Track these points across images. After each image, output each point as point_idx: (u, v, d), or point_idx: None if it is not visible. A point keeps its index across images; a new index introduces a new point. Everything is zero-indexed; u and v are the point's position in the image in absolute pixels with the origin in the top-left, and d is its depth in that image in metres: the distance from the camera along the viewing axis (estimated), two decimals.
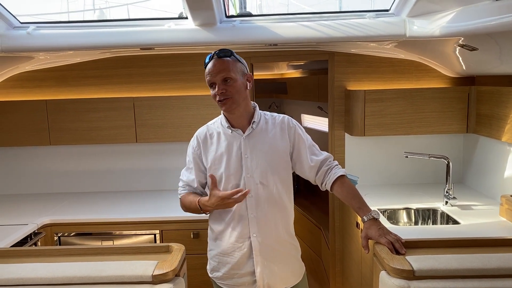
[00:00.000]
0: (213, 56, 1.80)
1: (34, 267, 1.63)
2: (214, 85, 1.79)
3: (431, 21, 2.22)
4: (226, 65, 1.78)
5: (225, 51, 1.82)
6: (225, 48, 1.83)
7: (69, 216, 2.79)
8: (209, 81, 1.80)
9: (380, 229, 1.75)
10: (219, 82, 1.77)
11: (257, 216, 1.83)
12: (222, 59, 1.80)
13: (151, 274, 1.55)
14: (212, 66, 1.79)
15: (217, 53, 1.81)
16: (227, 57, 1.81)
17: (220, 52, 1.81)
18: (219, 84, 1.77)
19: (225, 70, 1.78)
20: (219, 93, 1.77)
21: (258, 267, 1.85)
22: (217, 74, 1.77)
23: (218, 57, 1.80)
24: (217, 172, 1.85)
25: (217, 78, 1.77)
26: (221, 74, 1.77)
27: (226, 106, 1.79)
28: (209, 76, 1.79)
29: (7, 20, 2.44)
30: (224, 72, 1.77)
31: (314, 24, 2.47)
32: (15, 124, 3.07)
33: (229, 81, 1.78)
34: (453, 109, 2.89)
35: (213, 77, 1.78)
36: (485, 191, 2.88)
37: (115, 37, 2.48)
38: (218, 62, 1.79)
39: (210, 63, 1.80)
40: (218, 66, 1.78)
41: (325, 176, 1.91)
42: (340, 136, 3.22)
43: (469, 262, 1.55)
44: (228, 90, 1.77)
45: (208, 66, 1.81)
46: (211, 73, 1.79)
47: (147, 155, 3.34)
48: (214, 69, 1.78)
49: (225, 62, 1.79)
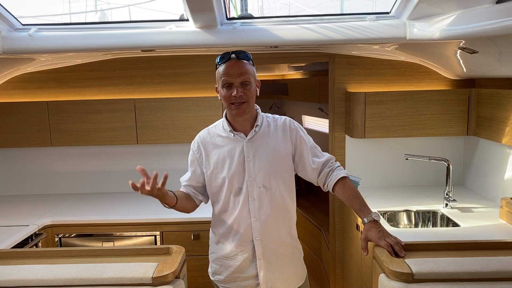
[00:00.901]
0: (231, 56, 1.76)
1: (35, 268, 1.63)
2: (231, 85, 1.75)
3: (431, 24, 2.22)
4: (246, 68, 1.76)
5: (246, 54, 1.78)
6: (243, 51, 1.79)
7: (70, 217, 2.80)
8: (226, 81, 1.75)
9: (380, 232, 1.75)
10: (237, 84, 1.74)
11: (259, 220, 1.83)
12: (242, 61, 1.76)
13: (151, 276, 1.55)
14: (232, 67, 1.74)
15: (236, 54, 1.76)
16: (246, 60, 1.78)
17: (240, 54, 1.77)
18: (237, 87, 1.74)
19: (245, 73, 1.75)
20: (238, 95, 1.73)
21: (261, 270, 1.85)
22: (238, 76, 1.74)
23: (237, 58, 1.76)
24: (219, 176, 1.85)
25: (236, 80, 1.74)
26: (242, 77, 1.74)
27: (240, 110, 1.77)
28: (227, 76, 1.74)
29: (9, 22, 2.45)
30: (245, 76, 1.75)
31: (315, 26, 2.47)
32: (17, 126, 3.08)
33: (247, 86, 1.76)
34: (453, 111, 2.90)
35: (232, 78, 1.74)
36: (485, 193, 2.88)
37: (116, 39, 2.48)
38: (238, 64, 1.75)
39: (228, 63, 1.75)
40: (239, 68, 1.74)
41: (327, 178, 1.91)
42: (341, 138, 3.23)
43: (468, 265, 1.54)
44: (246, 94, 1.75)
45: (226, 65, 1.75)
46: (229, 74, 1.74)
47: (148, 156, 3.34)
48: (234, 70, 1.74)
49: (245, 65, 1.76)
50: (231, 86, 1.75)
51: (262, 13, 5.89)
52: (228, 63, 1.76)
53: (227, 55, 1.77)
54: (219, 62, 1.78)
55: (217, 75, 1.80)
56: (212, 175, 1.87)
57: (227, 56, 1.77)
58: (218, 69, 1.80)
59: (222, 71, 1.76)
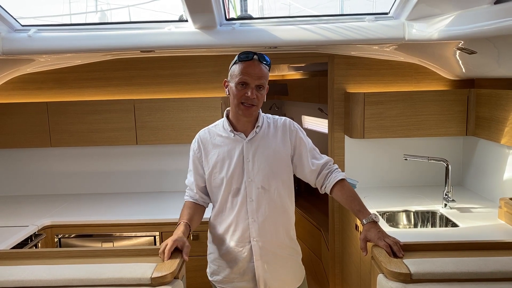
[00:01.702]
0: (253, 57, 1.76)
1: (34, 269, 1.64)
2: (247, 85, 1.75)
3: (430, 24, 2.23)
4: (265, 73, 1.78)
5: (267, 59, 1.80)
6: (265, 55, 1.80)
7: (69, 218, 2.81)
8: (244, 80, 1.75)
9: (379, 232, 1.75)
10: (253, 86, 1.75)
11: (257, 221, 1.83)
12: (263, 64, 1.78)
13: (149, 277, 1.55)
14: (253, 68, 1.75)
15: (260, 57, 1.77)
16: (266, 65, 1.79)
17: (262, 57, 1.78)
18: (253, 89, 1.75)
19: (264, 77, 1.77)
20: (252, 97, 1.74)
21: (259, 271, 1.85)
22: (257, 79, 1.75)
23: (259, 60, 1.77)
24: (218, 176, 1.85)
25: (255, 82, 1.75)
26: (260, 80, 1.75)
27: (249, 112, 1.78)
28: (247, 76, 1.74)
29: (8, 23, 2.46)
30: (263, 80, 1.76)
31: (314, 27, 2.48)
32: (16, 126, 3.08)
33: (261, 90, 1.78)
34: (452, 111, 2.90)
35: (251, 79, 1.74)
36: (484, 193, 2.88)
37: (116, 40, 2.49)
38: (260, 67, 1.76)
39: (249, 63, 1.75)
40: (260, 71, 1.75)
41: (325, 180, 1.91)
42: (340, 138, 3.23)
43: (466, 266, 1.55)
44: (258, 98, 1.76)
45: (246, 64, 1.75)
46: (249, 74, 1.74)
47: (147, 157, 3.35)
48: (255, 71, 1.75)
49: (265, 70, 1.78)
50: (247, 86, 1.75)
51: (262, 13, 5.89)
52: (249, 62, 1.76)
53: (249, 55, 1.76)
54: (239, 59, 1.78)
55: (233, 71, 1.79)
56: (211, 175, 1.87)
57: (250, 55, 1.76)
58: (235, 65, 1.79)
59: (241, 68, 1.76)
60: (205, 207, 1.99)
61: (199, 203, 1.95)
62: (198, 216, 1.92)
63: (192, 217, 1.86)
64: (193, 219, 1.86)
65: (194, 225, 1.87)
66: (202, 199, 1.96)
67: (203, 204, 1.97)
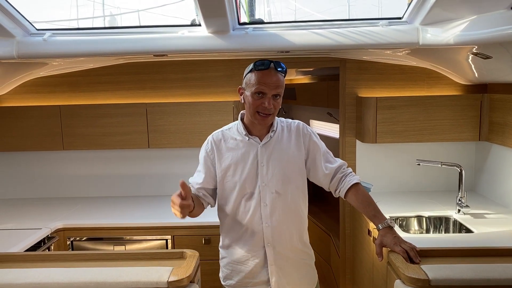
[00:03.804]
0: (270, 66, 1.74)
1: (50, 272, 1.65)
2: (263, 95, 1.73)
3: (445, 29, 2.22)
4: (282, 82, 1.76)
5: (283, 66, 1.78)
6: (281, 62, 1.78)
7: (81, 221, 2.82)
8: (260, 89, 1.73)
9: (395, 238, 1.74)
10: (270, 95, 1.73)
11: (271, 226, 1.82)
12: (279, 73, 1.76)
13: (166, 281, 1.56)
14: (270, 77, 1.73)
15: (276, 65, 1.75)
16: (283, 73, 1.78)
17: (279, 66, 1.76)
18: (270, 98, 1.73)
19: (281, 87, 1.76)
20: (270, 107, 1.73)
21: (273, 276, 1.85)
22: (273, 88, 1.73)
23: (276, 69, 1.75)
24: (231, 179, 1.84)
25: (271, 91, 1.73)
26: (277, 90, 1.74)
27: (265, 121, 1.78)
28: (263, 85, 1.72)
29: (24, 27, 2.47)
30: (280, 89, 1.75)
31: (326, 31, 2.47)
32: (29, 129, 3.10)
33: (278, 98, 1.76)
34: (465, 116, 2.88)
35: (268, 89, 1.72)
36: (497, 199, 2.86)
37: (130, 44, 2.50)
38: (277, 76, 1.75)
39: (266, 72, 1.74)
40: (277, 80, 1.74)
41: (339, 184, 1.90)
42: (352, 143, 3.22)
43: (485, 272, 1.54)
44: (275, 107, 1.76)
45: (263, 74, 1.74)
46: (267, 84, 1.72)
47: (159, 160, 3.36)
48: (272, 80, 1.73)
49: (281, 78, 1.77)
50: (264, 95, 1.74)
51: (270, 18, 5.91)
52: (266, 71, 1.74)
53: (266, 63, 1.74)
54: (255, 68, 1.76)
55: (249, 80, 1.77)
56: (224, 178, 1.86)
57: (266, 64, 1.74)
58: (251, 73, 1.77)
59: (258, 78, 1.73)
60: (204, 206, 1.92)
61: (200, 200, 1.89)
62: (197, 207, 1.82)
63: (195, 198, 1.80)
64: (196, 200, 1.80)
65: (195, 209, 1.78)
66: (204, 196, 1.90)
67: (203, 201, 1.90)
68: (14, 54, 2.47)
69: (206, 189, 1.91)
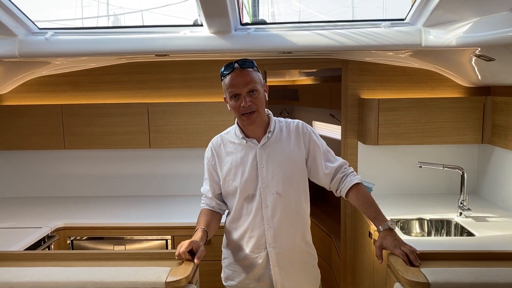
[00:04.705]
0: (234, 66, 1.74)
1: (49, 271, 1.64)
2: (238, 96, 1.73)
3: (448, 31, 2.21)
4: (251, 76, 1.74)
5: (249, 62, 1.76)
6: (246, 58, 1.77)
7: (82, 220, 2.82)
8: (233, 92, 1.73)
9: (395, 240, 1.73)
10: (244, 94, 1.72)
11: (273, 227, 1.82)
12: (246, 70, 1.74)
13: (164, 281, 1.55)
14: (237, 77, 1.72)
15: (240, 64, 1.74)
16: (250, 68, 1.75)
17: (243, 63, 1.75)
18: (245, 97, 1.72)
19: (252, 82, 1.73)
20: (247, 105, 1.72)
21: (276, 277, 1.84)
22: (244, 86, 1.72)
23: (241, 67, 1.74)
24: (232, 183, 1.84)
25: (243, 90, 1.72)
26: (248, 86, 1.72)
27: (251, 119, 1.76)
28: (233, 87, 1.72)
29: (26, 26, 2.48)
30: (251, 84, 1.73)
31: (329, 32, 2.47)
32: (31, 128, 3.11)
33: (255, 93, 1.74)
34: (468, 119, 2.87)
35: (238, 89, 1.72)
36: (500, 202, 2.84)
37: (131, 44, 2.50)
38: (243, 73, 1.73)
39: (232, 74, 1.74)
40: (244, 78, 1.72)
41: (340, 184, 1.89)
42: (353, 145, 3.21)
43: (486, 276, 1.52)
44: (254, 103, 1.73)
45: (231, 76, 1.74)
46: (235, 85, 1.72)
47: (160, 160, 3.36)
48: (239, 80, 1.72)
49: (250, 73, 1.74)
50: (239, 96, 1.73)
51: (274, 19, 5.91)
52: (232, 73, 1.73)
53: (230, 66, 1.74)
54: (223, 73, 1.77)
55: (224, 87, 1.78)
56: (225, 182, 1.86)
57: (230, 66, 1.74)
58: (224, 80, 1.78)
59: (228, 82, 1.74)
60: (221, 214, 1.97)
61: (215, 210, 1.94)
62: (215, 223, 1.90)
63: (209, 224, 1.84)
64: (210, 226, 1.84)
65: (211, 232, 1.85)
66: (218, 206, 1.94)
67: (219, 211, 1.95)
68: (16, 53, 2.47)
69: (217, 195, 1.94)
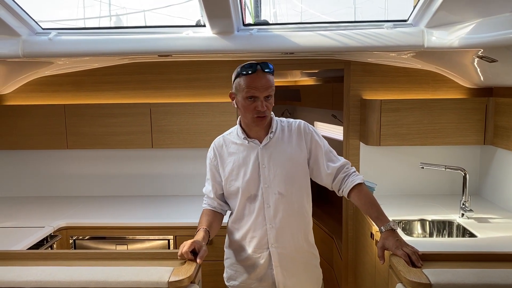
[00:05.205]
0: (257, 68, 1.72)
1: (52, 270, 1.65)
2: (255, 98, 1.73)
3: (450, 32, 2.21)
4: (271, 82, 1.75)
5: (271, 67, 1.76)
6: (267, 62, 1.76)
7: (84, 220, 2.83)
8: (251, 93, 1.72)
9: (398, 241, 1.73)
10: (262, 98, 1.72)
11: (275, 227, 1.82)
12: (268, 74, 1.74)
13: (167, 281, 1.55)
14: (258, 79, 1.72)
15: (262, 67, 1.73)
16: (271, 73, 1.76)
17: (266, 67, 1.74)
18: (262, 101, 1.72)
19: (271, 87, 1.74)
20: (263, 109, 1.72)
21: (278, 277, 1.84)
22: (264, 90, 1.72)
23: (263, 71, 1.73)
24: (234, 183, 1.85)
25: (262, 94, 1.72)
26: (268, 91, 1.73)
27: (262, 122, 1.77)
28: (253, 89, 1.72)
29: (30, 26, 2.49)
30: (270, 89, 1.74)
31: (331, 33, 2.47)
32: (33, 128, 3.12)
33: (270, 99, 1.75)
34: (470, 120, 2.86)
35: (258, 91, 1.71)
36: (502, 204, 2.84)
37: (134, 44, 2.51)
38: (265, 78, 1.73)
39: (254, 75, 1.72)
40: (266, 82, 1.72)
41: (342, 183, 1.89)
42: (355, 145, 3.21)
43: (488, 277, 1.52)
44: (268, 108, 1.75)
45: (252, 78, 1.72)
46: (256, 87, 1.71)
47: (163, 160, 3.36)
48: (260, 83, 1.71)
49: (270, 79, 1.75)
50: (255, 99, 1.73)
51: (276, 19, 5.92)
52: (254, 75, 1.72)
53: (253, 67, 1.73)
54: (243, 72, 1.75)
55: (239, 85, 1.76)
56: (227, 182, 1.87)
57: (253, 67, 1.73)
58: (240, 78, 1.75)
59: (247, 82, 1.73)
60: (223, 215, 1.98)
61: (217, 211, 1.94)
62: (217, 223, 1.91)
63: (211, 224, 1.85)
64: (212, 226, 1.85)
65: (213, 232, 1.85)
66: (220, 207, 1.95)
67: (221, 211, 1.96)
68: (20, 53, 2.48)
69: (219, 196, 1.94)
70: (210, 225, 1.84)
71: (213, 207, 1.94)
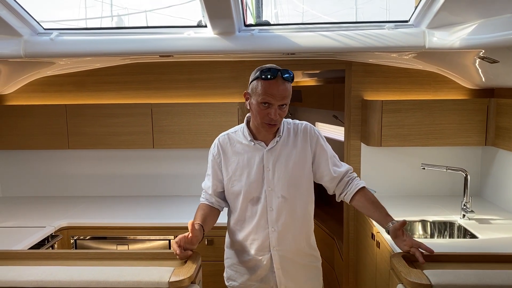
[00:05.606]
0: (277, 75, 1.67)
1: (53, 270, 1.65)
2: (269, 105, 1.69)
3: (452, 32, 2.21)
4: (289, 91, 1.71)
5: (291, 74, 1.71)
6: (288, 69, 1.71)
7: (85, 220, 2.83)
8: (266, 100, 1.68)
9: (406, 235, 1.76)
10: (276, 106, 1.69)
11: (277, 230, 1.82)
12: (286, 82, 1.69)
13: (167, 281, 1.55)
14: (277, 87, 1.67)
15: (283, 75, 1.68)
16: (289, 82, 1.71)
17: (287, 75, 1.69)
18: (276, 109, 1.69)
19: (288, 97, 1.71)
20: (276, 118, 1.70)
21: (280, 279, 1.85)
22: (280, 99, 1.68)
23: (283, 79, 1.69)
24: (237, 184, 1.84)
25: (277, 102, 1.68)
26: (284, 100, 1.69)
27: (272, 129, 1.76)
28: (269, 96, 1.67)
29: (31, 26, 2.49)
30: (287, 99, 1.70)
31: (333, 34, 2.47)
32: (35, 128, 3.12)
33: (284, 107, 1.72)
34: (471, 121, 2.86)
35: (274, 99, 1.67)
36: (503, 205, 2.83)
37: (136, 44, 2.51)
38: (284, 86, 1.68)
39: (273, 82, 1.67)
40: (283, 91, 1.68)
41: (346, 187, 1.89)
42: (356, 146, 3.21)
43: (488, 278, 1.52)
44: (280, 116, 1.72)
45: (271, 84, 1.67)
46: (273, 95, 1.67)
47: (164, 161, 3.36)
48: (278, 92, 1.67)
49: (289, 88, 1.71)
50: (270, 105, 1.69)
51: (277, 20, 5.91)
52: (273, 81, 1.67)
53: (273, 72, 1.67)
54: (262, 76, 1.69)
55: (255, 87, 1.71)
56: (230, 182, 1.86)
57: (273, 73, 1.67)
58: (257, 81, 1.71)
59: (264, 88, 1.68)
60: (219, 211, 1.97)
61: (214, 206, 1.93)
62: (212, 219, 1.89)
63: (205, 219, 1.83)
64: (206, 221, 1.83)
65: (208, 228, 1.83)
66: (217, 203, 1.94)
67: (218, 207, 1.95)
68: (21, 53, 2.49)
69: (218, 193, 1.93)
70: (204, 220, 1.82)
71: (210, 202, 1.92)
